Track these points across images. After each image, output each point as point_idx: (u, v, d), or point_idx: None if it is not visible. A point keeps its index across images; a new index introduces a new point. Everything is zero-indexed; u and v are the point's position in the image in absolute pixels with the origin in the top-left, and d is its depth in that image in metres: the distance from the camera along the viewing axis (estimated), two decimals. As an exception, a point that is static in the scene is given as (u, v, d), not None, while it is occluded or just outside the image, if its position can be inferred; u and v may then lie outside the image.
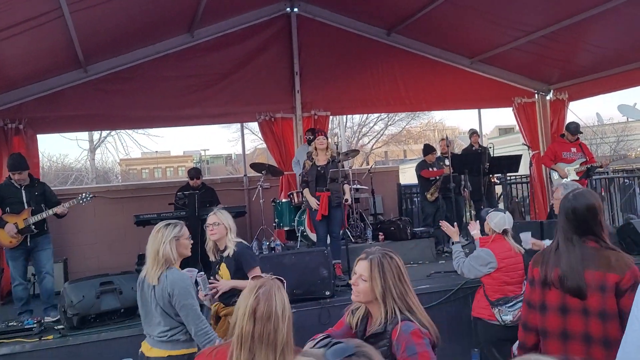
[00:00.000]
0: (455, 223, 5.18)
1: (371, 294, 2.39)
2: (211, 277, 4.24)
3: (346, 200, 6.62)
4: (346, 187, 6.68)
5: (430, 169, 8.94)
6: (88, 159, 24.27)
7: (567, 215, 2.58)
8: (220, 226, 4.24)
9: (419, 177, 9.01)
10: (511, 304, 4.16)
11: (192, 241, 3.62)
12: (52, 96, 7.93)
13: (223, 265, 4.25)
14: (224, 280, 4.17)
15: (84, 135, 22.52)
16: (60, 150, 58.99)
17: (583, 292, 2.47)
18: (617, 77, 8.83)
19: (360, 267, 2.44)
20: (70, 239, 8.23)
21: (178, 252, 3.45)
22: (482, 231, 4.76)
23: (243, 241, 4.31)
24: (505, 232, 4.29)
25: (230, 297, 4.09)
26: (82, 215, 8.25)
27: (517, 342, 2.86)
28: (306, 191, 6.73)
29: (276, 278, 2.16)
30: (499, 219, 4.26)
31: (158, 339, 3.37)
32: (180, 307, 3.30)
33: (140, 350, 3.50)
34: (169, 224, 3.46)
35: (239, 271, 4.16)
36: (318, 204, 6.51)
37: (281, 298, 2.05)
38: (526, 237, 4.68)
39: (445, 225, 4.96)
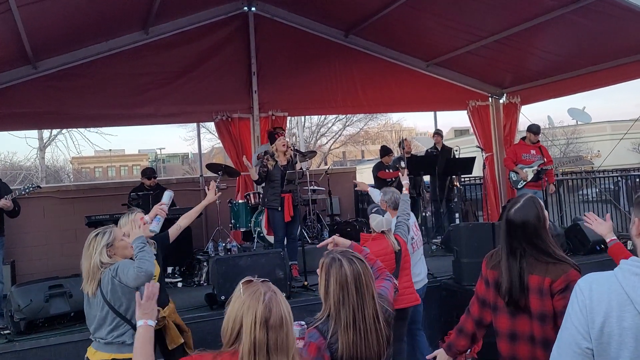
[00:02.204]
0: None
1: (319, 292, 2.51)
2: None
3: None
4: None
5: (387, 171, 9.05)
6: (38, 158, 23.50)
7: (508, 228, 2.68)
8: None
9: (376, 178, 9.10)
10: None
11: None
12: (-1, 92, 7.64)
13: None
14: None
15: (33, 133, 21.79)
16: (7, 147, 57.04)
17: (523, 303, 2.60)
18: (567, 82, 9.10)
19: (319, 265, 2.54)
20: (18, 240, 7.94)
21: (119, 255, 3.39)
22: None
23: None
24: (383, 232, 4.50)
25: None
26: (31, 216, 7.99)
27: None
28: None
29: (264, 280, 2.08)
30: (377, 222, 4.46)
31: (104, 341, 3.29)
32: (127, 277, 3.21)
33: (85, 355, 3.41)
34: (97, 234, 3.38)
35: None
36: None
37: (285, 301, 2.02)
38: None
39: None
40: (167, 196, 4.27)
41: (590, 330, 1.80)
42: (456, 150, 9.73)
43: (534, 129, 8.55)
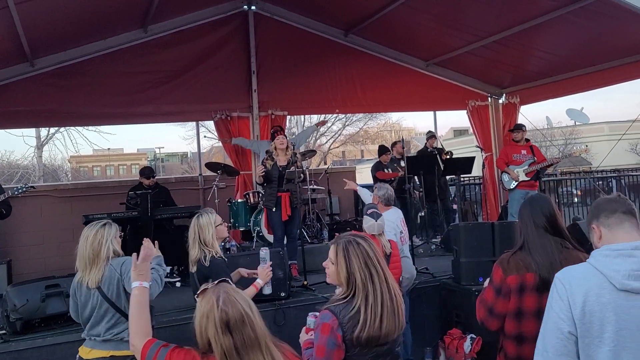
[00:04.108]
0: None
1: (337, 277, 2.54)
2: None
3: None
4: None
5: (386, 170, 9.03)
6: (35, 156, 23.42)
7: (545, 216, 2.74)
8: None
9: (375, 178, 9.08)
10: None
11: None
12: (-4, 90, 7.60)
13: None
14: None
15: (31, 131, 21.70)
16: (5, 146, 56.92)
17: None
18: (565, 83, 9.09)
19: (330, 251, 2.59)
20: (14, 239, 7.91)
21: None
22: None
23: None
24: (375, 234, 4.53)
25: None
26: (27, 215, 7.96)
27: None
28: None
29: (220, 281, 2.12)
30: (369, 226, 4.49)
31: (101, 338, 3.27)
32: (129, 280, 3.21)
33: (77, 355, 3.37)
34: (104, 224, 3.36)
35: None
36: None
37: (240, 296, 2.03)
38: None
39: None
40: (266, 255, 4.23)
41: (572, 312, 1.94)
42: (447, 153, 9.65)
43: (514, 128, 8.71)
